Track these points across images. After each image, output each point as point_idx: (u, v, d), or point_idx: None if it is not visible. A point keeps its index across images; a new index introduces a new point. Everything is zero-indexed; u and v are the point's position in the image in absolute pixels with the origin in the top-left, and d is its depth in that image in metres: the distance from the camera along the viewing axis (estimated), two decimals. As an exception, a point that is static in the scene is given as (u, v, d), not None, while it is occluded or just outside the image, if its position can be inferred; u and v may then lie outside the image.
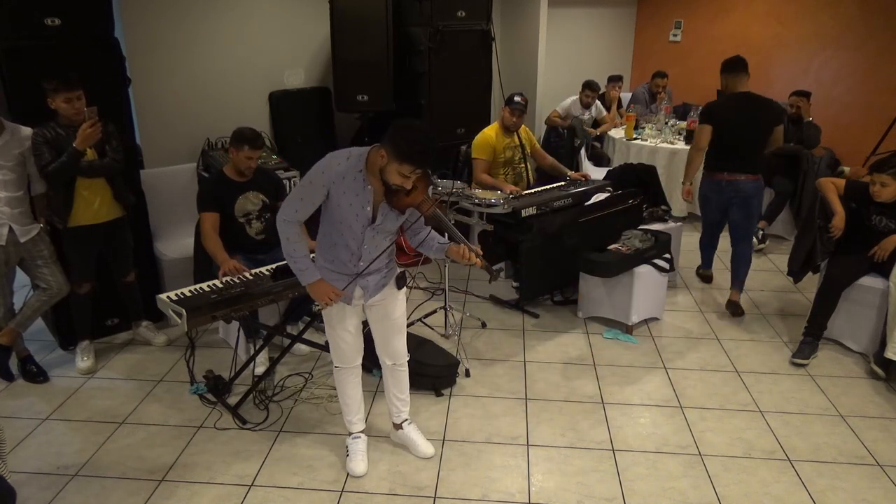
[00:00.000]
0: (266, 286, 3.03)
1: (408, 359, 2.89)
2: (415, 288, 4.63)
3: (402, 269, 2.77)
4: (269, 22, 5.14)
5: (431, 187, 2.53)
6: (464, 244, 2.57)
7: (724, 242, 5.59)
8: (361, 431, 2.94)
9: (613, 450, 3.02)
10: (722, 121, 4.05)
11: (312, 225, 2.62)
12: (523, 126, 4.69)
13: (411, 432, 2.99)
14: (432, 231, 2.68)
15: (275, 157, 4.66)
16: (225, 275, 3.12)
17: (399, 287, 2.73)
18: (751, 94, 4.02)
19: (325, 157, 2.42)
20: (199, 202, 3.45)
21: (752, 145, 4.03)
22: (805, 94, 5.36)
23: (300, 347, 3.77)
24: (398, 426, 3.01)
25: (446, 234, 2.70)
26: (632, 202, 4.45)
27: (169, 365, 3.73)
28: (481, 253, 2.58)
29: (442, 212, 2.57)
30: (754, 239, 5.33)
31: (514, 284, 4.58)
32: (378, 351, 2.86)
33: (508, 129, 4.57)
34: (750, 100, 4.02)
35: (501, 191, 4.29)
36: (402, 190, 2.36)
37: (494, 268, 2.60)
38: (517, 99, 4.45)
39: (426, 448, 2.97)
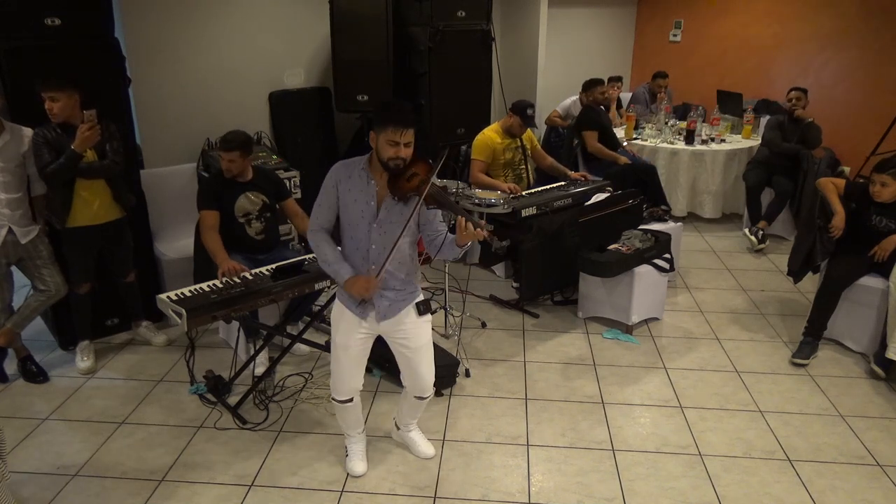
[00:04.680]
0: (266, 286, 3.03)
1: (433, 393, 2.77)
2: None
3: (427, 298, 2.66)
4: (269, 22, 5.13)
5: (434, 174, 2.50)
6: (467, 220, 2.45)
7: (724, 242, 5.61)
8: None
9: (613, 450, 3.02)
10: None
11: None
12: None
13: (412, 432, 2.99)
14: (447, 234, 2.58)
15: (275, 157, 4.66)
16: (224, 275, 3.12)
17: (420, 313, 2.59)
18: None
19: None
20: (200, 200, 3.44)
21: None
22: (802, 91, 5.35)
23: (300, 347, 3.77)
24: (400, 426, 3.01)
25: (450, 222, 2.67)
26: (632, 202, 4.45)
27: (169, 365, 3.73)
28: (483, 223, 2.54)
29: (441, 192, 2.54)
30: (754, 238, 5.34)
31: (514, 284, 4.58)
32: (407, 384, 2.74)
33: (512, 134, 4.57)
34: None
35: (500, 190, 4.29)
36: (403, 175, 2.38)
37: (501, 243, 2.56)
38: (530, 112, 4.46)
39: (426, 448, 2.97)
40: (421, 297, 2.62)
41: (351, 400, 2.71)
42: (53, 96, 3.21)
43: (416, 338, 2.60)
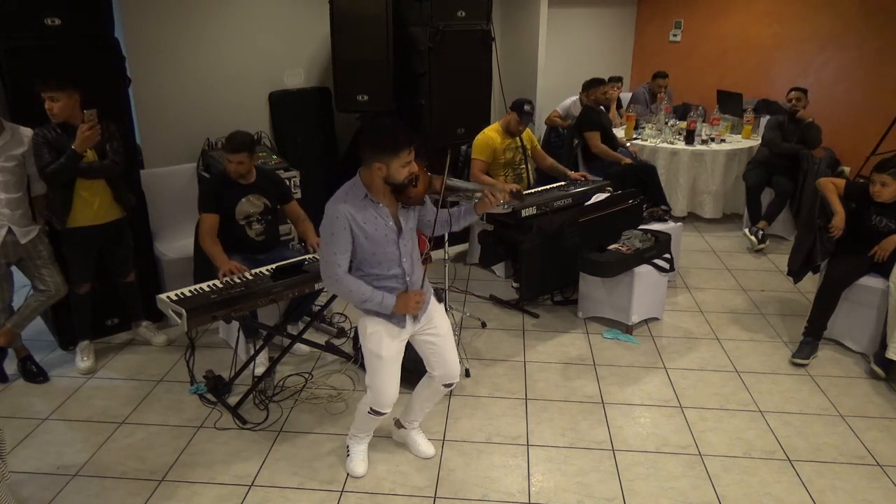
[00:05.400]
0: (266, 286, 3.03)
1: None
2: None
3: (433, 285, 2.73)
4: (269, 22, 5.13)
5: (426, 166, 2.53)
6: (487, 192, 2.58)
7: (724, 242, 5.60)
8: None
9: (613, 450, 3.02)
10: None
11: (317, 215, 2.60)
12: None
13: (413, 432, 2.99)
14: (448, 211, 2.66)
15: (275, 157, 4.66)
16: (224, 275, 3.12)
17: (439, 300, 2.72)
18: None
19: (328, 211, 2.41)
20: (201, 202, 3.44)
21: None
22: (802, 91, 5.35)
23: (300, 347, 3.77)
24: (401, 425, 3.01)
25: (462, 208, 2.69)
26: (632, 202, 4.45)
27: (169, 365, 3.73)
28: (504, 187, 2.57)
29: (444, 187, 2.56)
30: (754, 238, 5.34)
31: (514, 284, 4.58)
32: (437, 372, 2.74)
33: (511, 133, 4.57)
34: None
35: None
36: (410, 184, 2.41)
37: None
38: (527, 108, 4.43)
39: (427, 448, 2.97)
40: (431, 287, 2.70)
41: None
42: (53, 96, 3.21)
43: (441, 324, 2.69)
